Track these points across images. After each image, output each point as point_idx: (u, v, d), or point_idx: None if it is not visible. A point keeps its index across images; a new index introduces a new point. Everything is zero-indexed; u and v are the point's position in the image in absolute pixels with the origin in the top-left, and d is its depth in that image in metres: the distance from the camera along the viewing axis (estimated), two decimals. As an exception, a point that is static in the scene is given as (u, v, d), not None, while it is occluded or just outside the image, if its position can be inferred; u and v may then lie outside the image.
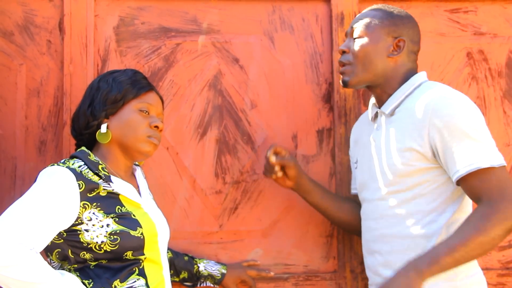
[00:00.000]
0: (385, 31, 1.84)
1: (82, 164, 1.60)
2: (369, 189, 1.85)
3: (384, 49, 1.83)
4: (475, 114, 1.68)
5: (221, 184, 2.11)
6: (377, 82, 1.85)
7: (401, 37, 1.84)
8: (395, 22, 1.84)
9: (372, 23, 1.84)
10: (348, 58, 1.86)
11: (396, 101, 1.82)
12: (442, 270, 1.61)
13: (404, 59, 1.85)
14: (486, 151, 1.64)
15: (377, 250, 1.81)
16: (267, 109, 2.15)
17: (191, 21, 2.15)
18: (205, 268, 1.99)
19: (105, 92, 1.69)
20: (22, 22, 2.07)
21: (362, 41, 1.84)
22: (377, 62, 1.83)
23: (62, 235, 1.55)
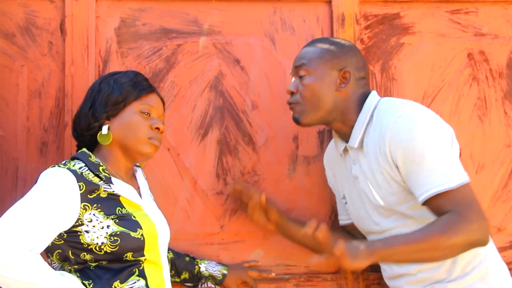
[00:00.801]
0: (329, 66, 1.82)
1: (83, 165, 1.60)
2: (372, 223, 1.84)
3: (331, 84, 1.81)
4: (432, 133, 1.66)
5: (222, 185, 2.12)
6: (331, 117, 1.83)
7: (346, 68, 1.82)
8: (336, 55, 1.83)
9: (314, 60, 1.82)
10: (296, 98, 1.84)
11: (359, 132, 1.80)
12: (392, 256, 1.61)
13: (353, 88, 1.83)
14: (447, 172, 1.63)
15: (405, 273, 1.80)
16: (268, 110, 2.16)
17: (192, 22, 2.16)
18: (206, 269, 1.99)
19: (106, 94, 1.69)
20: (24, 24, 2.07)
21: (308, 80, 1.82)
22: (327, 98, 1.81)
23: (63, 236, 1.55)
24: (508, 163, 2.19)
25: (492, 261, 1.76)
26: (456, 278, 1.72)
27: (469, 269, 1.72)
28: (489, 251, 1.76)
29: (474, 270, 1.72)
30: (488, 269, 1.73)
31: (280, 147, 2.15)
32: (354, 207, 1.90)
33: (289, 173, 2.15)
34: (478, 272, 1.72)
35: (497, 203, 2.18)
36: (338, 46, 1.85)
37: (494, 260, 1.78)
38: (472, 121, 2.19)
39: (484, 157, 2.18)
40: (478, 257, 1.73)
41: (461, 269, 1.72)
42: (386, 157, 1.71)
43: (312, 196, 2.13)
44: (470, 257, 1.72)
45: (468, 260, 1.72)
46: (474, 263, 1.72)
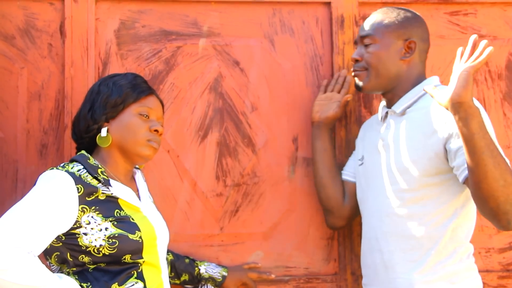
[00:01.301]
0: (395, 35, 1.85)
1: (82, 168, 1.60)
2: (374, 187, 1.86)
3: (396, 53, 1.85)
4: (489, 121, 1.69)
5: (222, 186, 2.12)
6: (391, 86, 1.87)
7: (411, 38, 1.85)
8: (403, 24, 1.86)
9: (381, 29, 1.86)
10: (361, 65, 1.88)
11: (408, 101, 1.84)
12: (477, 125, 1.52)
13: (416, 60, 1.87)
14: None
15: (379, 248, 1.81)
16: (267, 112, 2.16)
17: (192, 24, 2.16)
18: (206, 271, 1.99)
19: (106, 96, 1.69)
20: (23, 26, 2.08)
21: (374, 48, 1.85)
22: (391, 67, 1.85)
23: (61, 239, 1.55)
24: (507, 165, 2.19)
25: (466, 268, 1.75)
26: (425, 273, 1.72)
27: (439, 268, 1.72)
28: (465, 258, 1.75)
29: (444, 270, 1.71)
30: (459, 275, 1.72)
31: (280, 148, 2.15)
32: (365, 168, 1.92)
33: (289, 175, 2.15)
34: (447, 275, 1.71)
35: (497, 204, 2.17)
36: (405, 15, 1.87)
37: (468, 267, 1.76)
38: (471, 123, 2.19)
39: (483, 158, 2.18)
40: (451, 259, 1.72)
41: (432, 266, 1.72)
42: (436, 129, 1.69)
43: (311, 198, 2.13)
44: (444, 256, 1.72)
45: (440, 259, 1.72)
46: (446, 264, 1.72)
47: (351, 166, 2.06)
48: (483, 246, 2.16)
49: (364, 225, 1.92)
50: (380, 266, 1.81)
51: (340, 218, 2.04)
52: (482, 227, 2.16)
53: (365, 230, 1.91)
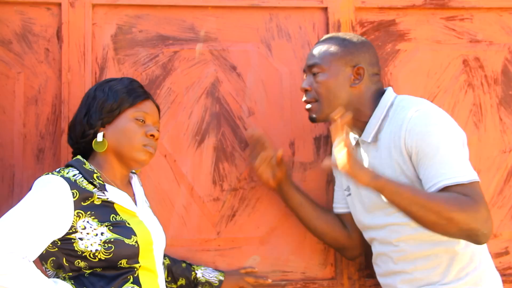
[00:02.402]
0: (342, 62, 1.84)
1: (77, 173, 1.60)
2: (376, 216, 1.85)
3: (345, 81, 1.84)
4: (448, 130, 1.69)
5: (218, 191, 2.12)
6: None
7: (359, 64, 1.84)
8: (350, 51, 1.84)
9: (327, 57, 1.84)
10: (312, 95, 1.87)
11: (374, 127, 1.83)
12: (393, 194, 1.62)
13: (367, 83, 1.85)
14: (460, 167, 1.65)
15: (400, 270, 1.81)
16: (264, 117, 2.16)
17: (189, 29, 2.16)
18: (202, 275, 1.99)
19: (101, 101, 1.69)
20: (20, 31, 2.08)
21: (322, 77, 1.84)
22: (341, 94, 1.83)
23: (57, 244, 1.55)
24: (503, 169, 2.20)
25: (486, 269, 1.77)
26: (450, 282, 1.73)
27: (463, 274, 1.73)
28: (484, 259, 1.78)
29: (468, 275, 1.73)
30: (482, 276, 1.74)
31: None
32: (358, 200, 1.91)
33: (286, 179, 2.15)
34: (472, 278, 1.73)
35: (493, 209, 2.18)
36: (351, 42, 1.86)
37: (488, 267, 1.79)
38: (467, 127, 2.19)
39: (479, 163, 2.18)
40: (473, 263, 1.74)
41: (456, 274, 1.73)
42: (401, 149, 1.73)
43: (308, 203, 2.13)
44: (465, 262, 1.73)
45: (463, 265, 1.73)
46: (468, 269, 1.73)
47: (340, 197, 2.04)
48: (480, 250, 2.16)
49: (375, 250, 1.91)
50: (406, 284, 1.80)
51: (355, 249, 2.04)
52: (479, 231, 2.16)
53: (378, 254, 1.89)
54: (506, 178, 2.20)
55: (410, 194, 1.62)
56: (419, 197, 1.61)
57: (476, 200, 1.61)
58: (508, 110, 2.23)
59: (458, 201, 1.60)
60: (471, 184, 1.64)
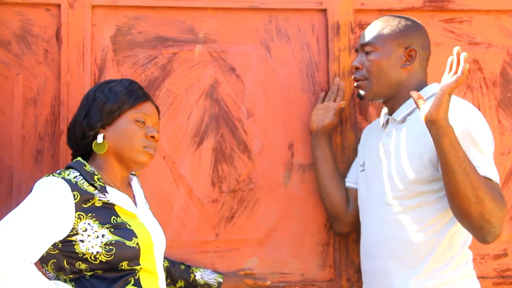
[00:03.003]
0: (396, 43, 1.86)
1: (78, 174, 1.60)
2: (374, 194, 1.87)
3: (397, 61, 1.85)
4: (486, 130, 1.71)
5: (217, 193, 2.12)
6: (392, 94, 1.87)
7: (412, 46, 1.86)
8: (404, 32, 1.86)
9: (381, 37, 1.86)
10: (362, 73, 1.89)
11: (408, 108, 1.84)
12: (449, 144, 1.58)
13: (416, 68, 1.88)
14: (492, 167, 1.67)
15: (377, 254, 1.82)
16: (263, 118, 2.16)
17: (188, 31, 2.16)
18: (201, 277, 1.99)
19: (101, 103, 1.69)
20: (19, 32, 2.08)
21: (375, 56, 1.86)
22: (391, 74, 1.85)
23: (57, 246, 1.55)
24: (502, 171, 2.20)
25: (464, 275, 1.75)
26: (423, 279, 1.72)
27: (436, 274, 1.72)
28: (463, 265, 1.76)
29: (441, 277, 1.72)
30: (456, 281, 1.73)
31: (276, 155, 2.15)
32: (366, 174, 1.93)
33: (284, 181, 2.15)
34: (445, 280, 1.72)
35: (492, 211, 2.18)
36: (406, 24, 1.88)
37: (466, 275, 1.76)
38: (466, 129, 2.20)
39: (478, 165, 2.19)
40: (449, 267, 1.73)
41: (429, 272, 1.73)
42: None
43: (307, 204, 2.14)
44: (441, 263, 1.73)
45: (438, 266, 1.73)
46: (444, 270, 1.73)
47: (353, 172, 2.07)
48: (478, 252, 2.16)
49: (362, 232, 1.92)
50: (378, 272, 1.82)
51: (346, 224, 2.05)
52: (477, 233, 2.16)
53: (363, 237, 1.91)
54: (505, 180, 2.20)
55: (464, 156, 1.58)
56: (469, 164, 1.58)
57: (504, 200, 1.62)
58: (506, 112, 2.23)
59: (495, 191, 1.61)
60: (499, 186, 1.66)
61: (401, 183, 1.77)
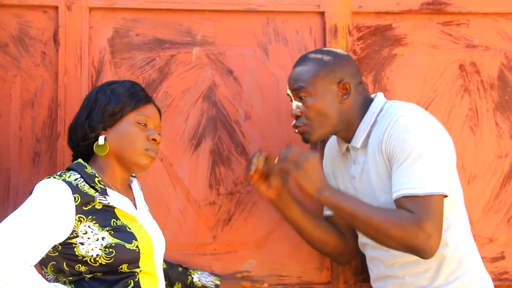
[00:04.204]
0: (327, 82, 1.83)
1: (79, 177, 1.59)
2: None
3: (333, 99, 1.83)
4: (426, 138, 1.69)
5: (215, 195, 2.12)
6: (338, 129, 1.86)
7: (344, 79, 1.83)
8: (331, 69, 1.83)
9: (311, 79, 1.83)
10: (302, 120, 1.85)
11: (363, 133, 1.83)
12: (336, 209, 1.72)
13: (354, 96, 1.85)
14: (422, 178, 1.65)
15: (391, 274, 1.82)
16: (261, 121, 2.16)
17: (186, 33, 2.16)
18: (199, 279, 1.99)
19: (103, 104, 1.69)
20: (17, 34, 2.07)
21: (311, 101, 1.82)
22: (332, 114, 1.83)
23: (57, 248, 1.54)
24: (499, 174, 2.20)
25: (476, 273, 1.78)
26: (439, 286, 1.74)
27: (452, 278, 1.74)
28: (474, 263, 1.78)
29: (458, 279, 1.74)
30: (471, 280, 1.75)
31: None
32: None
33: (282, 184, 2.15)
34: (461, 282, 1.74)
35: (489, 213, 2.19)
36: (329, 59, 1.85)
37: (479, 272, 1.79)
38: (463, 132, 2.20)
39: (475, 168, 2.19)
40: (462, 267, 1.75)
41: (445, 278, 1.74)
42: (383, 154, 1.74)
43: (304, 207, 2.13)
44: (454, 266, 1.74)
45: (452, 269, 1.74)
46: (458, 273, 1.74)
47: None
48: (475, 255, 2.16)
49: (367, 254, 1.92)
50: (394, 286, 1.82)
51: (351, 253, 2.03)
52: (475, 236, 2.15)
53: (370, 258, 1.91)
54: (502, 183, 2.20)
55: (351, 209, 1.68)
56: (360, 213, 1.67)
57: (421, 217, 1.62)
58: (504, 115, 2.24)
59: (400, 218, 1.64)
60: (427, 198, 1.64)
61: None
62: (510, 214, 2.20)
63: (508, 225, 2.19)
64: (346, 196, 1.72)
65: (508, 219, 2.20)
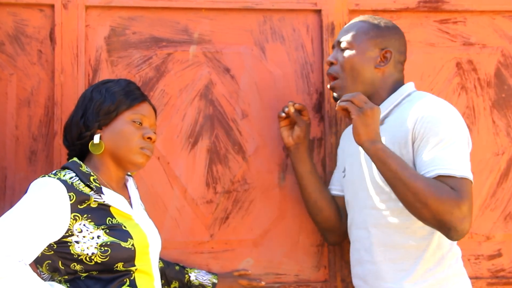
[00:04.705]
0: (372, 43, 1.86)
1: (74, 175, 1.59)
2: (359, 198, 1.86)
3: (371, 60, 1.86)
4: (457, 127, 1.71)
5: (212, 193, 2.12)
6: (367, 94, 1.86)
7: (388, 48, 1.86)
8: (381, 34, 1.87)
9: (358, 35, 1.87)
10: (336, 69, 1.89)
11: (384, 110, 1.85)
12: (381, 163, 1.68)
13: (391, 69, 1.88)
14: (457, 162, 1.66)
15: (368, 259, 1.82)
16: (258, 119, 2.16)
17: (182, 31, 2.16)
18: (196, 278, 1.99)
19: (98, 103, 1.68)
20: (13, 32, 2.07)
21: (349, 53, 1.86)
22: (365, 73, 1.85)
23: (53, 247, 1.54)
24: (496, 172, 2.21)
25: (455, 274, 1.76)
26: (415, 282, 1.73)
27: (428, 275, 1.73)
28: (454, 264, 1.77)
29: (433, 277, 1.73)
30: (448, 281, 1.73)
31: (270, 156, 2.15)
32: (350, 180, 1.92)
33: (279, 182, 2.15)
34: (437, 280, 1.72)
35: (486, 211, 2.19)
36: (385, 25, 1.89)
37: (457, 273, 1.77)
38: (460, 130, 2.20)
39: (472, 165, 2.14)
40: (440, 267, 1.74)
41: (421, 274, 1.73)
42: (407, 133, 1.74)
43: (302, 205, 2.13)
44: (432, 264, 1.73)
45: (429, 267, 1.73)
46: (435, 271, 1.73)
47: (337, 179, 2.05)
48: (472, 253, 2.17)
49: (351, 236, 1.92)
50: (370, 276, 1.82)
51: (340, 234, 2.04)
52: (472, 234, 2.17)
53: (353, 241, 1.91)
54: (499, 181, 2.21)
55: (396, 168, 1.65)
56: (404, 174, 1.64)
57: (461, 196, 1.62)
58: (501, 112, 2.24)
59: (441, 190, 1.62)
60: (463, 180, 1.65)
61: (386, 186, 1.77)
62: (507, 212, 2.20)
63: (505, 223, 2.20)
64: (396, 156, 1.69)
65: (505, 217, 2.20)
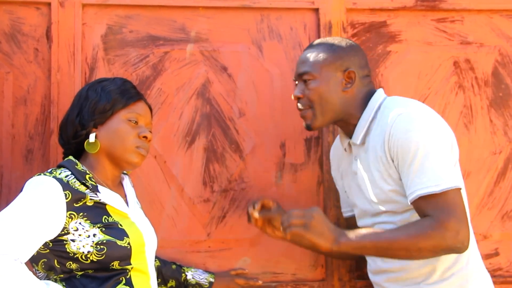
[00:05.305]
0: (332, 68, 1.83)
1: (69, 173, 1.59)
2: (366, 214, 1.86)
3: (337, 86, 1.83)
4: (428, 135, 1.68)
5: (209, 192, 2.11)
6: (339, 117, 1.85)
7: (350, 68, 1.83)
8: (339, 56, 1.84)
9: (317, 64, 1.84)
10: (305, 102, 1.85)
11: (362, 129, 1.83)
12: (360, 250, 1.71)
13: (359, 87, 1.85)
14: (435, 175, 1.64)
15: (386, 269, 1.82)
16: (255, 118, 2.16)
17: (179, 30, 2.15)
18: (193, 277, 1.98)
19: (94, 102, 1.68)
20: (9, 30, 2.06)
21: (314, 84, 1.83)
22: (334, 100, 1.83)
23: (48, 245, 1.54)
24: (493, 171, 2.21)
25: (474, 269, 1.77)
26: (435, 282, 1.74)
27: (448, 274, 1.73)
28: (472, 259, 1.77)
29: (454, 276, 1.73)
30: (468, 277, 1.74)
31: (267, 154, 2.15)
32: (355, 199, 1.91)
33: (276, 181, 2.15)
34: (457, 278, 1.73)
35: (483, 210, 2.19)
36: (339, 47, 1.86)
37: (476, 268, 1.78)
38: (458, 129, 2.20)
39: (470, 164, 2.19)
40: (458, 264, 1.74)
41: (440, 274, 1.73)
42: (385, 153, 1.73)
43: (298, 204, 2.13)
44: (450, 262, 1.73)
45: (448, 265, 1.73)
46: (454, 269, 1.73)
47: (344, 201, 2.05)
48: (470, 252, 2.17)
49: None
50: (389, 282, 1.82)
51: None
52: (469, 233, 2.17)
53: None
54: (496, 180, 2.21)
55: (373, 243, 1.68)
56: (382, 242, 1.67)
57: (442, 217, 1.62)
58: (498, 111, 2.24)
59: (422, 228, 1.63)
60: (444, 194, 1.64)
61: (387, 205, 1.76)
62: (504, 211, 2.20)
63: (502, 222, 2.20)
64: (362, 232, 1.70)
65: (502, 216, 2.20)
